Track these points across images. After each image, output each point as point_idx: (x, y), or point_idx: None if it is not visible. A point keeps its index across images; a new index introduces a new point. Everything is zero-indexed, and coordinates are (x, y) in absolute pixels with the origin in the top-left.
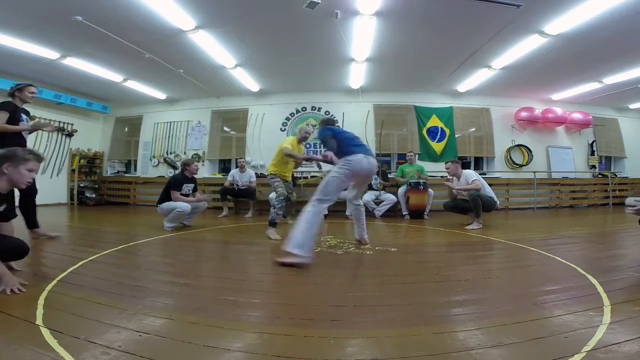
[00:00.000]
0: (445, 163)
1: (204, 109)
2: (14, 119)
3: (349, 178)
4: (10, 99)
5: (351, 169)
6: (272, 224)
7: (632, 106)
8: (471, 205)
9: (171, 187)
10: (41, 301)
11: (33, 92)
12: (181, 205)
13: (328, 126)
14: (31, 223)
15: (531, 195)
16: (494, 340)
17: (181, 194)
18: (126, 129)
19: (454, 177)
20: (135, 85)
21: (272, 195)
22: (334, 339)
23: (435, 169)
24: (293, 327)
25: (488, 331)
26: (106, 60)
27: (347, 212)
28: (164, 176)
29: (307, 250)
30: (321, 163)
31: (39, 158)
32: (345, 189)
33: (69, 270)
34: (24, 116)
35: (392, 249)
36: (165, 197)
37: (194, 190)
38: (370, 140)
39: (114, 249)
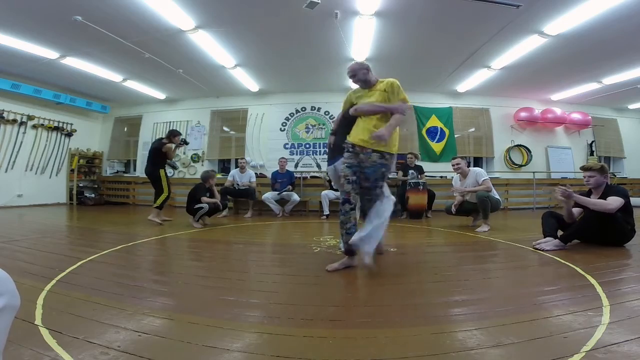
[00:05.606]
0: (454, 159)
1: (204, 108)
2: None
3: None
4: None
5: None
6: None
7: (631, 106)
8: (479, 207)
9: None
10: (40, 301)
11: (178, 138)
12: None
13: None
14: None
15: (530, 195)
16: (494, 340)
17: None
18: (125, 129)
19: (460, 176)
20: (134, 85)
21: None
22: (334, 339)
23: (434, 169)
24: (293, 327)
25: (487, 331)
26: (106, 60)
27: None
28: None
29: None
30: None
31: None
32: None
33: (68, 270)
34: None
35: (392, 249)
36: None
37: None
38: None
39: (113, 249)
